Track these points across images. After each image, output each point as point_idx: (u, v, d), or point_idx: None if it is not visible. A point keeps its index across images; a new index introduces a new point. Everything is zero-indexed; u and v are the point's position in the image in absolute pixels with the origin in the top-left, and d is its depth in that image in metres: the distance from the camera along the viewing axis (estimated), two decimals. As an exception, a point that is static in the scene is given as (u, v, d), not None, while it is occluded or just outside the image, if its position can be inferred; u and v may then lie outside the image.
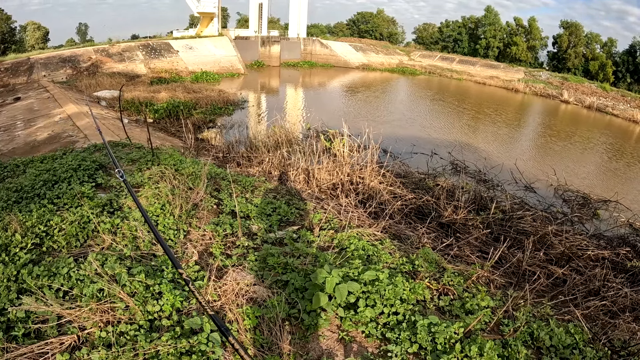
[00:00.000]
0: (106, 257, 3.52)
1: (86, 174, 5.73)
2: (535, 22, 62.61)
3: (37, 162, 6.72)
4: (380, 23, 76.64)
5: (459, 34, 68.79)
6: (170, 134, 13.99)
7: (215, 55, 34.79)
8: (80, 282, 3.18)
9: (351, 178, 9.03)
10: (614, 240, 9.23)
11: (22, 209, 4.48)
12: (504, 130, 23.81)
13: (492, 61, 56.66)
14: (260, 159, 9.82)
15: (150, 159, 6.68)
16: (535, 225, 8.77)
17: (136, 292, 3.11)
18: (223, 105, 20.47)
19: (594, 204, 12.10)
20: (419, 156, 14.73)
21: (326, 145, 10.46)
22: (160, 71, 29.73)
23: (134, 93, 19.57)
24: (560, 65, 59.17)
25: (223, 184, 6.22)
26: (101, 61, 28.28)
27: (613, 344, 3.99)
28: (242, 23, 66.84)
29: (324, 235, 4.95)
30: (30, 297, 2.95)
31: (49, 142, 9.80)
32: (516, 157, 15.83)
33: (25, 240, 3.83)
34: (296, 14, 47.98)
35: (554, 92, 42.79)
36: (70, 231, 4.03)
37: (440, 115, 26.56)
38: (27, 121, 12.39)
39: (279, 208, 5.68)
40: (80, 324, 2.80)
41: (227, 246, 4.36)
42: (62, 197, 4.84)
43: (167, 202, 4.72)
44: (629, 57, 54.90)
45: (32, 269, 3.31)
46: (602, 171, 18.31)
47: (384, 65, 51.55)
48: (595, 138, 25.37)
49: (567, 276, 6.51)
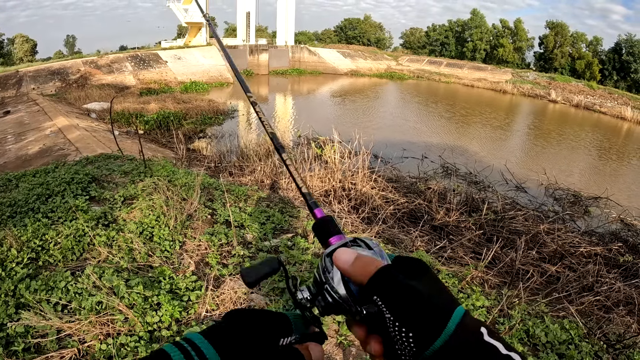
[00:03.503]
0: (103, 270, 3.54)
1: (79, 187, 5.73)
2: (521, 23, 63.39)
3: (30, 176, 6.70)
4: (367, 29, 77.10)
5: (446, 38, 69.35)
6: (162, 145, 13.97)
7: (204, 65, 34.77)
8: (79, 296, 3.19)
9: (343, 184, 9.08)
10: (605, 236, 9.32)
11: (16, 224, 4.47)
12: (493, 132, 24.00)
13: (480, 63, 57.11)
14: (252, 168, 9.84)
15: (143, 170, 6.69)
16: (528, 225, 8.83)
17: (135, 304, 3.13)
18: (213, 115, 20.43)
19: (585, 201, 12.21)
20: (410, 160, 14.81)
21: (317, 152, 10.50)
22: (150, 82, 29.63)
23: (123, 104, 19.50)
24: (547, 65, 59.83)
25: (216, 193, 6.25)
26: (90, 73, 28.15)
27: (608, 338, 4.05)
28: (230, 32, 66.93)
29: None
30: (28, 311, 2.96)
31: (41, 156, 9.76)
32: (506, 158, 15.93)
33: (21, 254, 3.83)
34: (283, 22, 48.14)
35: (541, 92, 43.19)
36: (65, 245, 4.04)
37: (429, 119, 26.72)
38: (18, 135, 12.34)
39: (273, 216, 5.72)
40: (80, 337, 2.82)
41: (222, 255, 4.39)
42: (56, 210, 4.84)
43: (162, 213, 4.74)
44: (615, 54, 55.65)
45: (30, 284, 3.32)
46: (592, 168, 18.50)
47: (372, 70, 51.75)
48: (584, 136, 25.62)
49: (560, 273, 6.58)
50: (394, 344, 0.59)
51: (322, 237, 0.77)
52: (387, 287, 0.60)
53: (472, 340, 0.55)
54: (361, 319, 0.63)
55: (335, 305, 0.66)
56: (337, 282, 0.66)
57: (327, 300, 0.67)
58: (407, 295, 0.58)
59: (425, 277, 0.62)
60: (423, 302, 0.57)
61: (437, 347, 0.55)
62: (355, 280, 0.64)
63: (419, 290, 0.58)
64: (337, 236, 0.76)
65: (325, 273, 0.68)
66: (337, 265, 0.66)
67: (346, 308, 0.65)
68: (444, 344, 0.55)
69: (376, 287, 0.61)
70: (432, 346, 0.55)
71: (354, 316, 0.64)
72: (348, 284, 0.65)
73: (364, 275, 0.63)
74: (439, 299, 0.59)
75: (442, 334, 0.55)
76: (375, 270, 0.62)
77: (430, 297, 0.58)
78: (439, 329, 0.55)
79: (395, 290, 0.59)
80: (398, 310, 0.58)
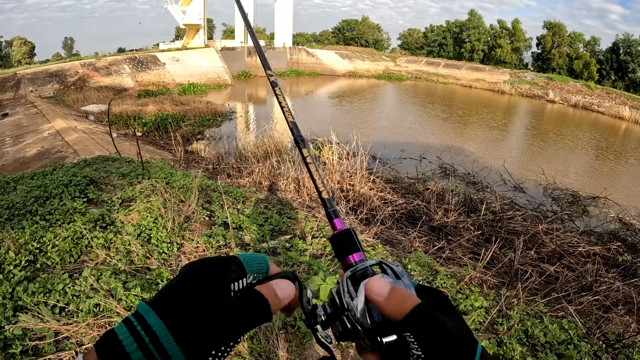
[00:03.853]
0: (101, 272, 3.53)
1: (77, 190, 5.72)
2: (518, 23, 63.50)
3: (28, 178, 6.68)
4: (365, 30, 77.19)
5: (443, 39, 69.46)
6: (160, 147, 13.96)
7: (202, 66, 34.77)
8: (76, 298, 3.19)
9: (341, 185, 9.08)
10: (604, 235, 9.33)
11: (14, 226, 4.46)
12: (491, 132, 24.03)
13: (478, 64, 57.19)
14: (250, 170, 9.84)
15: (141, 172, 6.69)
16: (526, 225, 8.84)
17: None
18: (211, 116, 20.43)
19: (584, 201, 12.23)
20: (408, 161, 14.81)
21: (316, 153, 10.50)
22: (148, 84, 29.63)
23: (121, 107, 19.49)
24: (544, 66, 59.96)
25: (214, 195, 6.24)
26: (88, 75, 28.13)
27: (607, 338, 4.05)
28: (228, 34, 66.93)
29: (317, 243, 4.99)
30: (26, 314, 2.95)
31: (39, 158, 9.76)
32: (504, 159, 15.96)
33: (19, 257, 3.83)
34: (281, 23, 48.19)
35: (539, 93, 43.27)
36: (63, 247, 4.03)
37: (428, 120, 26.74)
38: (16, 137, 12.33)
39: (271, 218, 5.72)
40: (78, 339, 2.82)
41: (221, 257, 4.38)
42: (54, 213, 4.83)
43: (160, 215, 4.73)
44: (613, 54, 55.81)
45: (27, 286, 3.31)
46: (590, 168, 18.53)
47: (370, 71, 51.80)
48: (581, 136, 25.68)
49: (559, 273, 6.58)
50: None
51: (340, 253, 0.72)
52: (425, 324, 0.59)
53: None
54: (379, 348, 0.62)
55: (354, 332, 0.64)
56: (361, 312, 0.63)
57: (345, 326, 0.64)
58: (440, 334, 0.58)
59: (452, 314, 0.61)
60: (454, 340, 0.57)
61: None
62: (387, 314, 0.62)
63: (450, 328, 0.58)
64: (357, 253, 0.71)
65: (347, 298, 0.65)
66: (370, 296, 0.63)
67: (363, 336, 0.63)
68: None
69: (413, 325, 0.59)
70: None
71: (372, 345, 0.63)
72: (371, 311, 0.63)
73: (400, 312, 0.61)
74: (466, 336, 0.59)
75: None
76: (411, 307, 0.60)
77: (459, 335, 0.58)
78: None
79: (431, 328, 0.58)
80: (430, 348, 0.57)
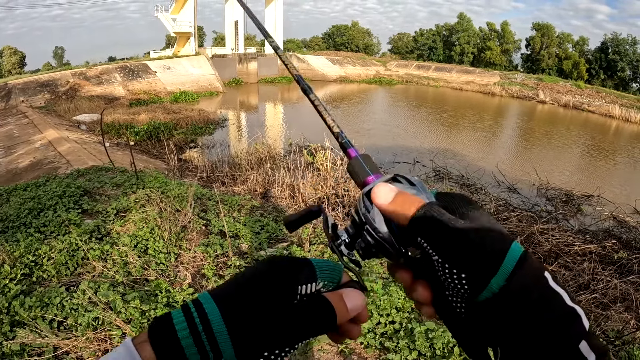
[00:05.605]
0: (98, 285, 3.48)
1: (71, 201, 5.66)
2: (507, 26, 64.12)
3: (21, 190, 6.61)
4: (355, 35, 77.47)
5: (433, 42, 69.91)
6: (153, 156, 13.89)
7: (193, 74, 34.71)
8: (74, 312, 3.14)
9: (336, 191, 9.06)
10: (599, 234, 9.40)
11: (8, 239, 4.41)
12: (483, 134, 24.16)
13: (468, 67, 57.68)
14: (245, 177, 9.80)
15: (135, 182, 6.63)
16: (522, 225, 8.87)
17: (132, 319, 3.09)
18: (204, 124, 20.37)
19: (577, 200, 12.29)
20: (402, 165, 14.84)
21: (309, 159, 10.48)
22: (139, 92, 29.53)
23: (113, 116, 19.40)
24: (534, 67, 60.51)
25: (209, 204, 6.21)
26: (79, 85, 28.00)
27: (607, 335, 4.06)
28: (218, 41, 66.92)
29: (315, 250, 4.97)
30: (24, 329, 2.91)
31: (31, 169, 9.67)
32: (497, 160, 16.02)
33: (14, 271, 3.77)
34: (272, 30, 48.16)
35: (530, 93, 43.68)
36: (59, 260, 3.98)
37: (420, 123, 26.83)
38: (8, 148, 12.22)
39: (267, 225, 5.69)
40: (78, 354, 2.77)
41: (219, 267, 4.34)
42: (48, 225, 4.78)
43: (156, 225, 4.69)
44: (601, 54, 56.44)
45: (24, 300, 3.26)
46: (583, 167, 18.69)
47: (361, 76, 51.99)
48: (573, 135, 25.89)
49: (556, 273, 6.60)
50: (444, 289, 0.56)
51: (357, 177, 0.70)
52: (432, 227, 0.54)
53: (536, 284, 0.50)
54: (406, 262, 0.60)
55: (377, 245, 0.61)
56: (378, 221, 0.60)
57: (367, 241, 0.62)
58: (455, 235, 0.52)
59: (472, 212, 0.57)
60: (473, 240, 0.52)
61: (495, 289, 0.50)
62: (395, 220, 0.59)
63: (467, 228, 0.53)
64: (375, 175, 0.69)
65: (365, 212, 0.62)
66: (375, 203, 0.60)
67: (389, 249, 0.60)
68: (503, 286, 0.49)
69: (420, 227, 0.55)
70: (488, 286, 0.50)
71: (398, 259, 0.60)
72: (391, 223, 0.60)
73: (405, 215, 0.56)
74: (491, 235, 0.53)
75: (497, 272, 0.49)
76: (417, 208, 0.56)
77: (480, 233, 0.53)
78: (495, 267, 0.50)
79: (441, 230, 0.53)
80: (446, 252, 0.53)
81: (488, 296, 0.50)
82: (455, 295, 0.54)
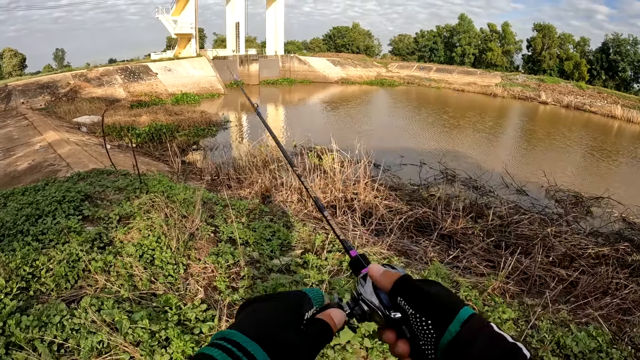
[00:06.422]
0: (102, 301, 3.17)
1: (71, 206, 5.36)
2: (508, 27, 63.86)
3: (19, 194, 6.32)
4: (356, 37, 77.25)
5: (434, 43, 69.69)
6: (155, 159, 13.63)
7: (194, 76, 34.49)
8: (76, 333, 2.83)
9: (345, 195, 8.78)
10: (610, 236, 9.25)
11: (4, 248, 4.12)
12: (487, 136, 23.95)
13: (469, 68, 57.47)
14: (251, 180, 9.51)
15: (138, 186, 6.34)
16: (534, 229, 8.64)
17: (141, 341, 2.78)
18: (206, 126, 20.16)
19: (586, 202, 12.09)
20: (409, 167, 14.59)
21: (315, 162, 10.18)
22: (140, 94, 29.30)
23: (114, 118, 19.19)
24: (535, 68, 60.28)
25: (216, 209, 5.92)
26: (80, 86, 27.75)
27: (634, 342, 3.84)
28: (219, 43, 66.68)
29: (332, 258, 4.66)
30: (20, 352, 2.62)
31: (30, 172, 9.40)
32: (504, 161, 15.81)
33: (10, 284, 3.48)
34: (273, 31, 48.04)
35: (531, 94, 43.47)
36: (58, 272, 3.68)
37: (423, 125, 26.60)
38: (7, 150, 11.95)
39: (278, 231, 5.38)
40: (80, 382, 2.49)
41: (231, 278, 4.00)
42: (47, 232, 4.48)
43: (162, 233, 4.39)
44: (603, 54, 56.25)
45: (20, 319, 2.95)
46: (589, 168, 18.53)
47: (362, 78, 51.72)
48: (577, 136, 25.69)
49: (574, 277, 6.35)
50: (418, 340, 0.72)
51: (357, 270, 0.90)
52: (407, 288, 0.75)
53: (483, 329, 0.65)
54: (390, 323, 0.77)
55: (370, 312, 0.80)
56: (369, 293, 0.81)
57: (362, 309, 0.81)
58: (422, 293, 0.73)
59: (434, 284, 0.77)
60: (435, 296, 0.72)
61: (453, 333, 0.66)
62: (382, 287, 0.79)
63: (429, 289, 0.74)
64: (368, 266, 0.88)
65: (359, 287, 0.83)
66: (370, 274, 0.82)
67: (378, 314, 0.78)
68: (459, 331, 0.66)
69: (399, 289, 0.76)
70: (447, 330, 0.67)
71: (386, 321, 0.78)
72: (379, 295, 0.80)
73: (389, 282, 0.78)
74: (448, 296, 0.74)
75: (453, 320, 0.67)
76: (397, 278, 0.78)
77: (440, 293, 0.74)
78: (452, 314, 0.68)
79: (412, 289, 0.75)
80: (417, 305, 0.72)
81: (449, 339, 0.66)
82: (427, 343, 0.70)
